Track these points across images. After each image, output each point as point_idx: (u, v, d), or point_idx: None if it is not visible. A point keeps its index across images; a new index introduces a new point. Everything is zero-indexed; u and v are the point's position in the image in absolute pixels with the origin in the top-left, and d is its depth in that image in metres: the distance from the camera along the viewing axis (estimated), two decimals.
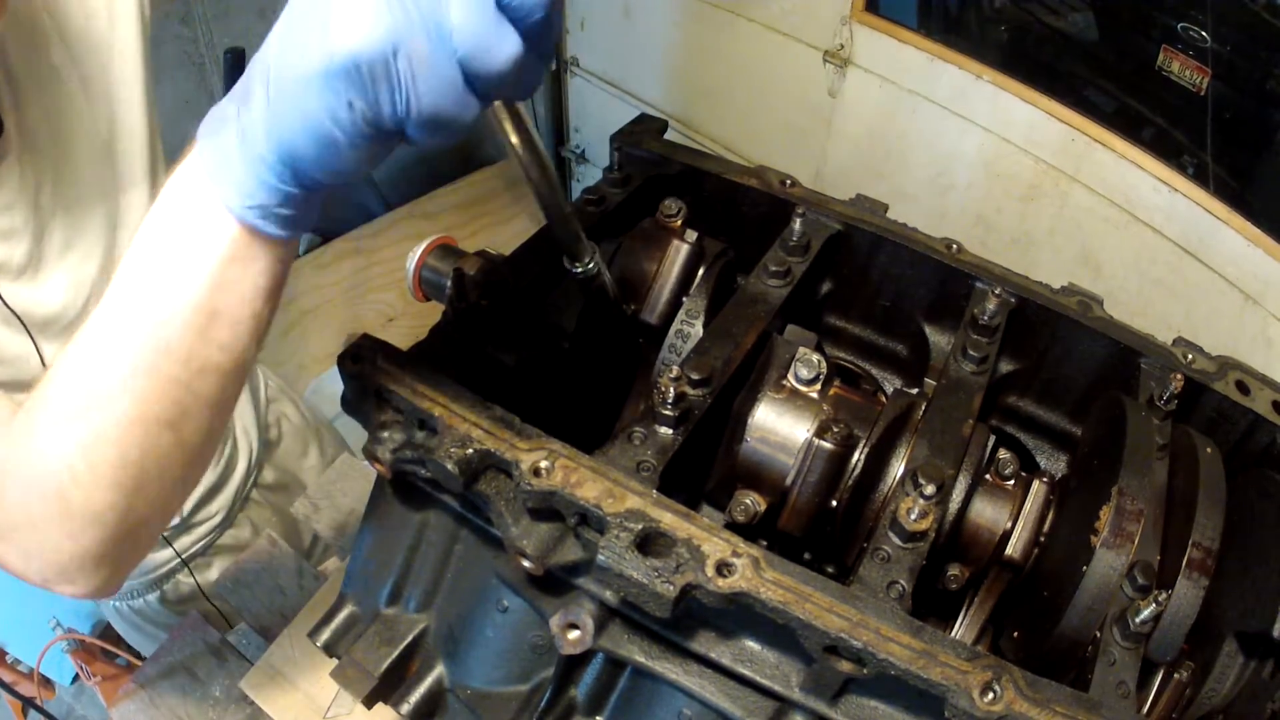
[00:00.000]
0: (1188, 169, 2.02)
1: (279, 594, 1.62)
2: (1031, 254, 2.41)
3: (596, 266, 0.98)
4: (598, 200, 1.19)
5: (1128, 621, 0.80)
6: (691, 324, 1.08)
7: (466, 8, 0.57)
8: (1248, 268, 1.93)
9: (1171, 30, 1.95)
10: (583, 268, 0.97)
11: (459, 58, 0.58)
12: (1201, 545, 0.85)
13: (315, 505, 1.75)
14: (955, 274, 1.12)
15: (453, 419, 0.84)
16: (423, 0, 0.56)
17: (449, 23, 0.57)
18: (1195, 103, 1.96)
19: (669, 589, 0.72)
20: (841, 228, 1.16)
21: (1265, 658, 0.86)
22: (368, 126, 0.61)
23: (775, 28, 2.72)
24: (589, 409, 1.16)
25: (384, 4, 0.56)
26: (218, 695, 1.47)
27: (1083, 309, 1.09)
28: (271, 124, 0.61)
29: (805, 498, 0.95)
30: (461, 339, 1.00)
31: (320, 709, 1.39)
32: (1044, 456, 1.20)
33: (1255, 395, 1.03)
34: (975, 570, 0.99)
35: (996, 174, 2.39)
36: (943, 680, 0.70)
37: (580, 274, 0.97)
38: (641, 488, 0.80)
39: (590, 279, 0.99)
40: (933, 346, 1.19)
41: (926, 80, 2.42)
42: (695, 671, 0.83)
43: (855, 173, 2.74)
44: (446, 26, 0.57)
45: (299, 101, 0.59)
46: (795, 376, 0.98)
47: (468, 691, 0.98)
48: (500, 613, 0.94)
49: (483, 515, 0.89)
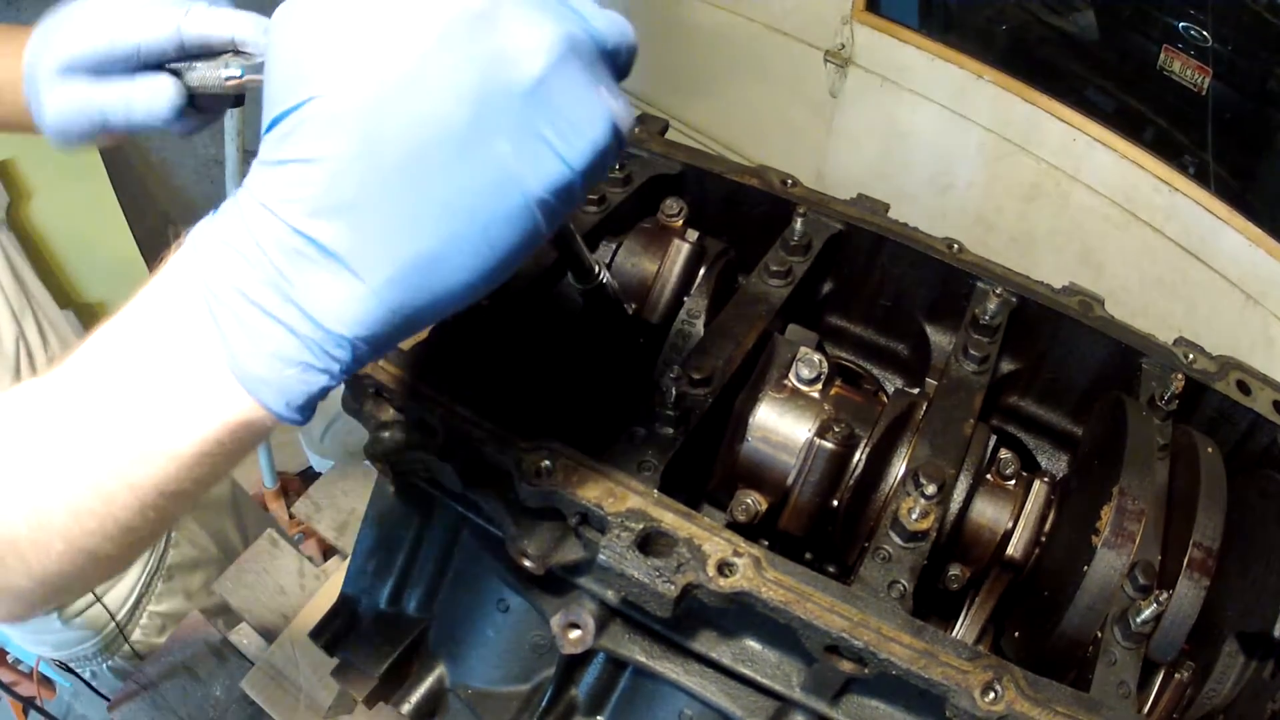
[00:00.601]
0: (1188, 169, 2.02)
1: (280, 594, 1.62)
2: (1032, 254, 2.41)
3: (602, 280, 0.94)
4: (599, 200, 1.19)
5: (1129, 621, 0.80)
6: (693, 324, 1.08)
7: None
8: (1249, 267, 1.93)
9: (1172, 30, 1.95)
10: (590, 285, 0.94)
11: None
12: (1202, 545, 0.85)
13: (316, 505, 1.75)
14: (956, 274, 1.12)
15: (453, 419, 0.84)
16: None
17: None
18: (1196, 102, 1.96)
19: (670, 589, 0.72)
20: (842, 227, 1.16)
21: (1266, 658, 0.86)
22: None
23: (776, 28, 2.73)
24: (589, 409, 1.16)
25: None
26: (219, 695, 1.47)
27: (1084, 309, 1.09)
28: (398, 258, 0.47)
29: (806, 497, 0.95)
30: (461, 339, 1.00)
31: (320, 709, 1.39)
32: (1045, 456, 1.20)
33: (1256, 395, 1.03)
34: (976, 570, 0.99)
35: (997, 174, 2.39)
36: (944, 680, 0.70)
37: (587, 289, 0.94)
38: (643, 487, 0.80)
39: (597, 291, 0.95)
40: (934, 346, 1.19)
41: (927, 80, 2.42)
42: (696, 671, 0.83)
43: (856, 172, 2.74)
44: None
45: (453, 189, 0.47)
46: (796, 376, 0.98)
47: (468, 691, 0.98)
48: (501, 612, 0.94)
49: (483, 515, 0.89)
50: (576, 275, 0.93)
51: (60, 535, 0.57)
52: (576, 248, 0.89)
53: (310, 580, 1.64)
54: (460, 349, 0.99)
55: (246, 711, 1.44)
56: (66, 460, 0.56)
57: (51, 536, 0.57)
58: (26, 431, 0.57)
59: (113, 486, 0.56)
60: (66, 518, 0.56)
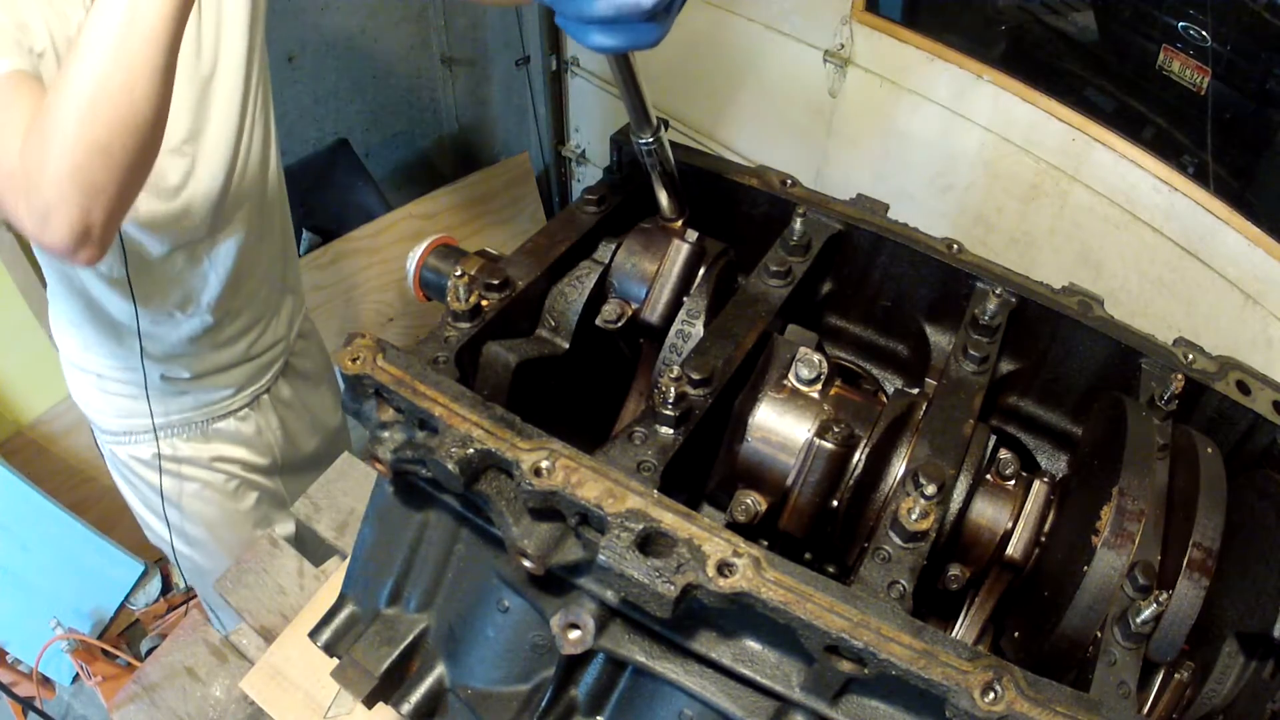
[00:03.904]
0: (1188, 169, 2.02)
1: (279, 594, 1.62)
2: (1031, 254, 2.41)
3: (660, 140, 1.08)
4: (598, 200, 1.19)
5: (1128, 621, 0.80)
6: (692, 324, 1.08)
7: None
8: (1248, 267, 1.93)
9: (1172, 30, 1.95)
10: (649, 138, 1.07)
11: None
12: (1202, 545, 0.85)
13: (316, 505, 1.75)
14: (956, 274, 1.12)
15: (453, 419, 0.84)
16: None
17: None
18: (1195, 102, 1.95)
19: (670, 589, 0.72)
20: (842, 228, 1.16)
21: (1265, 658, 0.86)
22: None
23: (776, 27, 2.72)
24: (589, 409, 1.16)
25: None
26: (218, 695, 1.47)
27: (1083, 309, 1.09)
28: None
29: (806, 498, 0.95)
30: (461, 339, 1.00)
31: (320, 709, 1.39)
32: (1044, 456, 1.20)
33: (1256, 395, 1.03)
34: (976, 570, 0.99)
35: (997, 174, 2.39)
36: (943, 680, 0.70)
37: (645, 145, 1.08)
38: (642, 488, 0.80)
39: (652, 151, 1.09)
40: (933, 346, 1.19)
41: (927, 80, 2.42)
42: (696, 671, 0.83)
43: (855, 172, 2.74)
44: None
45: None
46: (796, 376, 0.98)
47: (468, 691, 0.98)
48: (501, 613, 0.94)
49: (483, 515, 0.89)
50: (637, 123, 1.06)
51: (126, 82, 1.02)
52: (644, 99, 1.03)
53: (310, 580, 1.64)
54: (460, 349, 0.99)
55: (246, 711, 1.44)
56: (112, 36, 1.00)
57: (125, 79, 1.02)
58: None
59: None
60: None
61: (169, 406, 1.79)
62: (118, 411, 1.79)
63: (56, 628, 2.38)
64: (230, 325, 1.75)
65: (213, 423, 1.88)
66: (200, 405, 1.84)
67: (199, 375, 1.78)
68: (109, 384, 1.75)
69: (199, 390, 1.81)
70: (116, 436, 1.83)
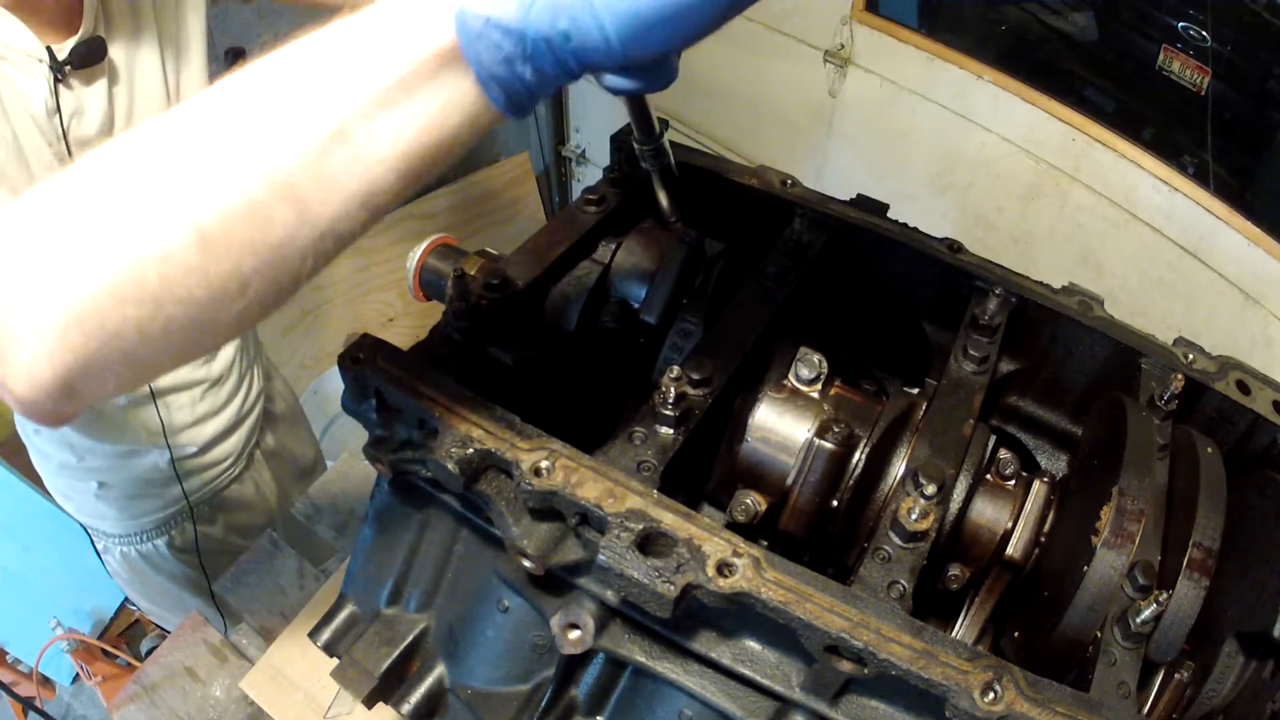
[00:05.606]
0: (1188, 168, 2.02)
1: (279, 594, 1.62)
2: (1031, 254, 2.42)
3: (663, 143, 1.07)
4: (598, 200, 1.19)
5: (1128, 621, 0.80)
6: (692, 324, 1.08)
7: None
8: (1248, 267, 1.93)
9: (1172, 30, 1.95)
10: (652, 144, 1.05)
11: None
12: (1202, 545, 0.85)
13: (315, 505, 1.75)
14: (956, 274, 1.12)
15: (453, 419, 0.84)
16: None
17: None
18: (1195, 102, 1.96)
19: (670, 589, 0.72)
20: (842, 228, 1.16)
21: (1265, 658, 0.86)
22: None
23: (776, 28, 2.72)
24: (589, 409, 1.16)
25: None
26: (218, 696, 1.47)
27: (1083, 309, 1.09)
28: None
29: (806, 498, 0.95)
30: (461, 339, 1.00)
31: (320, 709, 1.39)
32: (1044, 456, 1.20)
33: (1256, 395, 1.03)
34: (976, 570, 0.99)
35: (997, 174, 2.39)
36: (943, 680, 0.70)
37: (648, 149, 1.06)
38: (642, 488, 0.80)
39: (656, 155, 1.07)
40: (934, 346, 1.19)
41: (927, 80, 2.42)
42: (696, 671, 0.83)
43: (855, 173, 2.75)
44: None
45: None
46: (796, 376, 0.98)
47: (468, 691, 0.98)
48: (501, 613, 0.94)
49: (483, 515, 0.89)
50: (640, 131, 1.04)
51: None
52: (643, 102, 1.01)
53: (310, 580, 1.64)
54: (460, 349, 0.99)
55: (246, 711, 1.44)
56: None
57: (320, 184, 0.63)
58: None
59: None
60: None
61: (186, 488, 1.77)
62: (123, 513, 1.76)
63: (56, 628, 2.38)
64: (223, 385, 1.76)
65: (220, 493, 1.87)
66: (206, 484, 1.82)
67: (205, 448, 1.77)
68: (110, 490, 1.71)
69: (202, 468, 1.80)
70: (124, 539, 1.81)
